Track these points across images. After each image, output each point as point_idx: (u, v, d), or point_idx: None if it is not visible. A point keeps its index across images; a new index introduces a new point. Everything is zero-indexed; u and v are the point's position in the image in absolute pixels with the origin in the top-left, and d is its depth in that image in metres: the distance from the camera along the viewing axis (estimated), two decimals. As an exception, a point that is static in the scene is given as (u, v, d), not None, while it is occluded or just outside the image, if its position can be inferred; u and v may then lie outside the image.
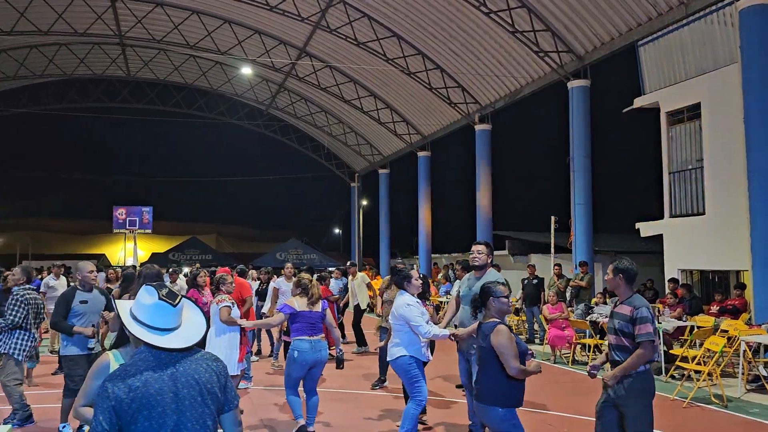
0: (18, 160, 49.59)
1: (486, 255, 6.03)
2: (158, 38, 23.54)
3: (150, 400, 2.33)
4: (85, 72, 27.84)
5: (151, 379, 2.36)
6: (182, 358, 2.48)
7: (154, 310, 2.49)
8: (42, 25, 21.85)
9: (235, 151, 50.34)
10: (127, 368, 2.40)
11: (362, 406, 7.77)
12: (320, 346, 6.36)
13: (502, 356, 4.28)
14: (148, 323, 2.48)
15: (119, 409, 2.31)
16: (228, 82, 28.48)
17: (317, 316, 6.46)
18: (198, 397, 2.42)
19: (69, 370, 6.28)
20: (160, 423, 2.33)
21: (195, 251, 32.62)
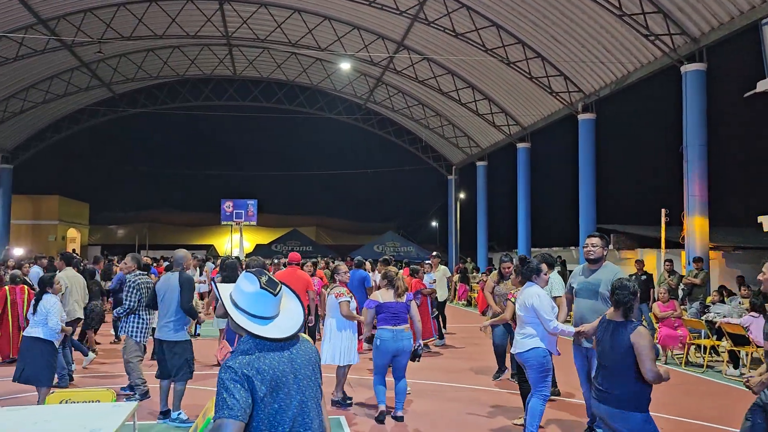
0: (136, 156, 53.29)
1: (601, 248, 5.83)
2: (262, 37, 24.41)
3: (278, 381, 2.41)
4: (195, 72, 29.38)
5: (274, 361, 2.44)
6: (293, 341, 2.55)
7: (255, 298, 2.49)
8: (158, 30, 23.26)
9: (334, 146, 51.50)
10: (249, 352, 2.45)
11: (450, 399, 7.71)
12: (402, 335, 6.55)
13: (642, 359, 4.08)
14: (248, 311, 2.49)
15: (253, 387, 2.36)
16: (327, 77, 29.08)
17: (401, 307, 6.68)
18: (312, 377, 2.55)
19: (191, 354, 6.52)
20: (287, 403, 2.42)
21: (296, 243, 33.64)
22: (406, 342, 6.55)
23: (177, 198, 53.80)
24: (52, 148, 32.50)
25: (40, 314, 6.62)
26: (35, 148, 31.34)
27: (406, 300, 6.74)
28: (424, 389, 8.15)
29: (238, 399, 2.33)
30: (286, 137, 54.66)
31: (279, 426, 2.40)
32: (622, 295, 4.31)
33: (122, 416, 4.17)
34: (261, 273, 2.55)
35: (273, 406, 2.40)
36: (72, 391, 4.99)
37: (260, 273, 2.55)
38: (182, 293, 6.44)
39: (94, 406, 4.57)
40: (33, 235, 33.53)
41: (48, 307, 6.62)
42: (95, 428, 3.87)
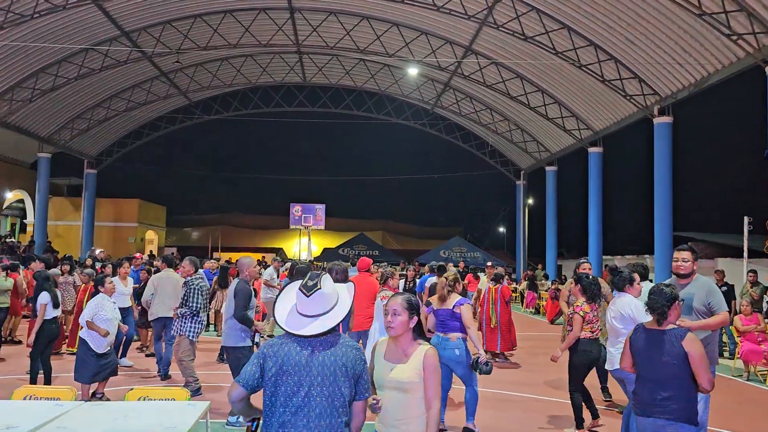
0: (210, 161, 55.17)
1: (692, 262, 5.49)
2: (331, 45, 24.81)
3: (288, 368, 2.80)
4: (267, 80, 30.17)
5: (293, 351, 2.83)
6: (324, 342, 2.87)
7: (297, 298, 2.93)
8: (232, 40, 24.05)
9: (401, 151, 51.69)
10: (281, 338, 2.92)
11: (518, 409, 7.56)
12: (446, 344, 6.28)
13: (701, 368, 3.90)
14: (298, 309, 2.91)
15: (264, 367, 2.85)
16: (395, 83, 29.23)
17: (447, 314, 6.41)
18: (329, 379, 2.79)
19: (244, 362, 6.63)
20: (294, 390, 2.77)
21: (363, 247, 33.91)
22: (449, 351, 6.24)
23: (248, 202, 55.34)
24: (132, 154, 34.16)
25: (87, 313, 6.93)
26: (117, 154, 32.98)
27: (452, 306, 6.42)
28: (491, 399, 8.04)
29: (248, 369, 2.88)
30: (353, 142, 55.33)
31: (279, 407, 2.78)
32: (655, 301, 4.14)
33: (196, 415, 4.32)
34: (313, 276, 2.94)
35: (281, 387, 2.78)
36: (149, 389, 5.22)
37: (312, 276, 2.94)
38: (236, 301, 6.48)
39: (169, 404, 4.76)
40: (114, 236, 35.24)
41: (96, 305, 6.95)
42: (171, 425, 4.03)
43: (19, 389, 4.96)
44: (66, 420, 4.10)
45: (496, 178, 35.83)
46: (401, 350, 3.34)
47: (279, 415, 2.77)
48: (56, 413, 4.20)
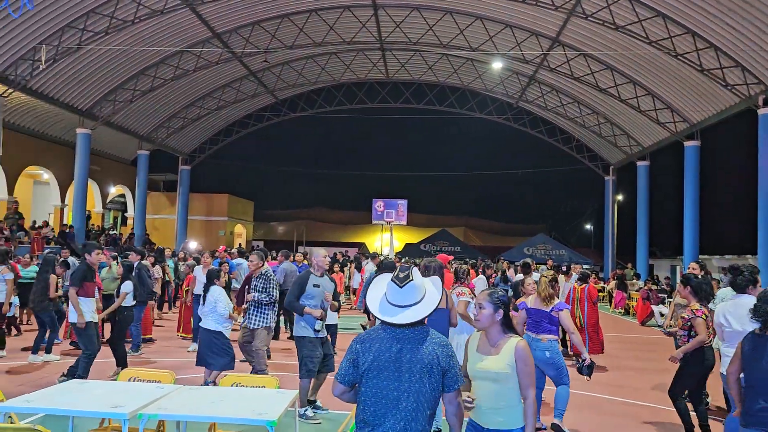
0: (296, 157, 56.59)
1: None
2: (414, 40, 24.82)
3: (379, 364, 2.91)
4: (350, 77, 30.61)
5: (382, 347, 2.94)
6: (413, 337, 2.96)
7: (389, 288, 3.04)
8: (317, 38, 24.55)
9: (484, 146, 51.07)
10: (370, 333, 3.04)
11: (608, 413, 7.30)
12: (537, 345, 6.19)
13: None
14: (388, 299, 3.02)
15: (358, 362, 2.98)
16: (478, 77, 28.88)
17: (542, 315, 6.32)
18: (417, 374, 2.89)
19: (308, 351, 6.50)
20: (386, 384, 2.89)
21: (445, 243, 33.79)
22: (539, 353, 6.15)
23: (332, 197, 56.39)
24: (223, 151, 35.56)
25: (209, 304, 7.20)
26: (209, 151, 34.46)
27: (551, 309, 6.30)
28: (579, 401, 7.81)
29: (343, 365, 3.03)
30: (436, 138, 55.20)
31: (372, 397, 2.90)
32: (759, 307, 4.07)
33: (285, 402, 4.45)
34: (403, 269, 3.07)
35: (373, 381, 2.91)
36: (241, 376, 5.42)
37: (403, 269, 3.07)
38: (290, 289, 6.65)
39: (260, 391, 4.92)
40: (206, 229, 36.86)
41: (216, 297, 7.21)
42: (262, 411, 4.17)
43: (124, 371, 5.29)
44: (166, 402, 4.33)
45: (583, 173, 34.76)
46: (491, 342, 3.48)
47: (371, 406, 2.91)
48: (157, 395, 4.44)
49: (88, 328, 7.46)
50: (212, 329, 7.20)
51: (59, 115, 24.64)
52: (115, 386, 4.91)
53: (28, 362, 9.08)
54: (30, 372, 8.57)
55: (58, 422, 4.68)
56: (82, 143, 23.99)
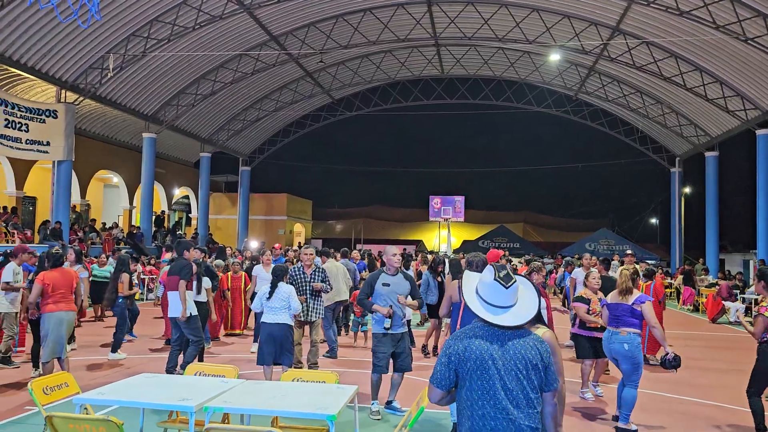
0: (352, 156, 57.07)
1: None
2: (469, 35, 24.59)
3: (482, 363, 2.81)
4: (405, 74, 30.61)
5: (483, 345, 2.85)
6: (513, 336, 2.89)
7: (490, 289, 2.93)
8: (371, 37, 24.66)
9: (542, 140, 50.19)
10: (467, 331, 2.93)
11: (678, 412, 7.03)
12: (616, 338, 6.14)
13: None
14: (485, 299, 2.93)
15: (457, 363, 2.86)
16: (536, 70, 28.36)
17: (624, 310, 6.21)
18: (521, 372, 2.82)
19: (374, 346, 6.61)
20: (490, 384, 2.80)
21: (503, 239, 33.38)
22: (617, 345, 6.14)
23: (389, 194, 56.61)
24: (281, 151, 36.24)
25: (279, 301, 7.28)
26: (268, 152, 35.16)
27: (633, 302, 6.23)
28: (649, 400, 7.57)
29: (439, 369, 2.90)
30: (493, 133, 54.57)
31: (479, 400, 2.81)
32: None
33: (345, 398, 4.50)
34: (501, 268, 2.99)
35: (477, 382, 2.81)
36: (302, 371, 5.51)
37: (500, 268, 2.99)
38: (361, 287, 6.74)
39: (320, 386, 4.99)
40: (266, 229, 37.65)
41: (290, 293, 7.34)
42: (322, 406, 4.22)
43: (190, 366, 5.46)
44: (229, 395, 4.45)
45: (647, 165, 33.67)
46: None
47: (479, 408, 2.81)
48: (221, 389, 4.57)
49: (192, 320, 7.87)
50: (288, 323, 7.29)
51: (126, 121, 25.66)
52: (182, 380, 5.08)
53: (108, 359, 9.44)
54: (105, 367, 8.96)
55: (129, 414, 4.88)
56: (148, 147, 24.93)
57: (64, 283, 7.51)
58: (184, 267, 7.92)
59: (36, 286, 7.34)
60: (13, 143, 18.27)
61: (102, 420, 3.90)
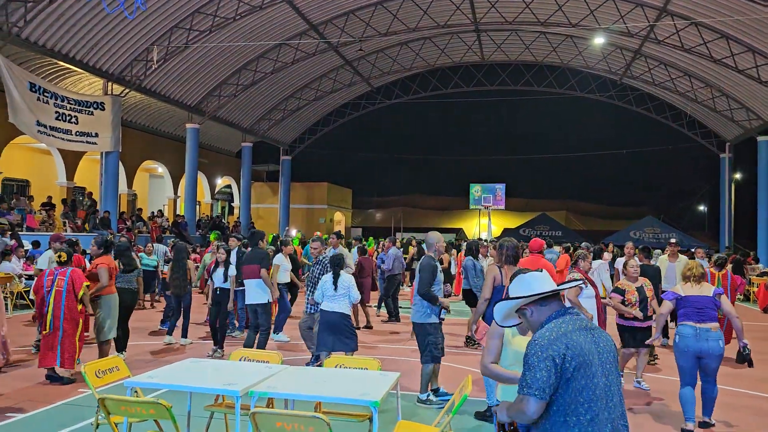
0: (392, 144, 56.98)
1: None
2: (510, 20, 24.19)
3: (585, 359, 2.53)
4: (445, 61, 30.33)
5: (581, 339, 2.57)
6: (593, 326, 2.69)
7: (532, 278, 2.84)
8: (410, 24, 24.49)
9: (585, 126, 49.13)
10: (557, 329, 2.61)
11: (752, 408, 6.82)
12: (708, 335, 5.67)
13: None
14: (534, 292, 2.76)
15: (562, 367, 2.51)
16: (578, 54, 27.74)
17: (706, 302, 5.79)
18: (614, 362, 2.63)
19: (433, 338, 6.48)
20: (594, 383, 2.52)
21: (544, 227, 32.95)
22: (712, 343, 5.66)
23: (429, 183, 56.37)
24: (321, 140, 36.40)
25: (342, 289, 7.30)
26: (308, 141, 35.40)
27: (713, 293, 5.83)
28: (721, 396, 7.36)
29: (539, 377, 2.50)
30: (534, 119, 53.70)
31: (585, 403, 2.50)
32: None
33: (388, 384, 4.51)
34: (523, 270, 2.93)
35: (580, 382, 2.50)
36: (345, 358, 5.55)
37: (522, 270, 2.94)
38: (420, 277, 6.47)
39: (363, 373, 5.02)
40: (307, 217, 38.00)
41: (350, 282, 7.37)
42: (365, 392, 4.24)
43: (234, 352, 5.56)
44: (274, 381, 4.51)
45: (694, 151, 32.69)
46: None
47: (585, 411, 2.51)
48: (266, 374, 4.64)
49: (268, 306, 8.31)
50: (346, 312, 7.33)
51: (170, 112, 26.16)
52: (228, 365, 5.17)
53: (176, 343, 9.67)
54: (152, 352, 9.20)
55: (177, 397, 4.99)
56: (191, 137, 25.37)
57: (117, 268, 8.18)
58: (264, 257, 8.39)
59: (104, 270, 7.68)
60: (64, 135, 18.83)
61: (152, 403, 4.01)
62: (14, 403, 6.29)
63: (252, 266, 8.23)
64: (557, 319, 2.66)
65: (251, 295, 8.25)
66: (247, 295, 8.28)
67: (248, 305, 8.35)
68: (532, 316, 2.77)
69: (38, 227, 18.27)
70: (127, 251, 8.91)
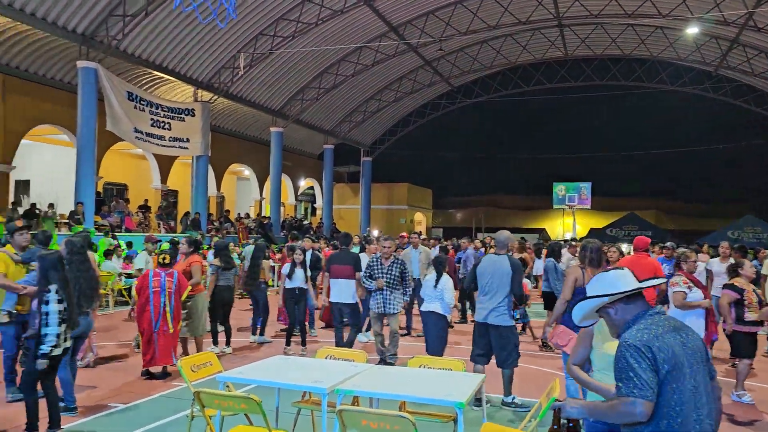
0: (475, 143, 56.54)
1: None
2: (595, 13, 23.40)
3: (677, 361, 2.46)
4: (526, 58, 29.72)
5: (672, 341, 2.50)
6: (681, 325, 2.60)
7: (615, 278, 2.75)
8: (491, 21, 24.18)
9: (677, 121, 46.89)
10: (649, 331, 2.53)
11: None
12: None
13: None
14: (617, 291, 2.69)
15: (659, 365, 2.45)
16: (669, 46, 26.45)
17: None
18: (702, 364, 2.54)
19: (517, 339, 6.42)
20: (685, 385, 2.46)
21: (633, 227, 31.62)
22: None
23: (510, 182, 55.47)
24: (401, 141, 36.56)
25: (438, 291, 7.34)
26: (388, 142, 35.63)
27: None
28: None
29: (645, 378, 2.43)
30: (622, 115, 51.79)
31: (676, 406, 2.44)
32: None
33: (473, 386, 4.45)
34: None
35: (672, 385, 2.44)
36: (428, 358, 5.53)
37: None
38: (515, 276, 6.32)
39: (447, 373, 4.98)
40: (387, 218, 38.26)
41: (449, 285, 7.37)
42: (449, 393, 4.21)
43: (321, 350, 5.66)
44: (359, 379, 4.55)
45: (800, 145, 30.40)
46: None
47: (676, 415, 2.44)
48: (351, 373, 4.69)
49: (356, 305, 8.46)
50: (441, 313, 7.37)
51: (255, 116, 27.04)
52: (314, 363, 5.27)
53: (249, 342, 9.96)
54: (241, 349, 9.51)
55: (265, 392, 5.13)
56: (275, 141, 26.14)
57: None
58: (358, 259, 8.63)
59: (198, 268, 8.21)
60: (158, 141, 19.87)
61: (243, 397, 4.14)
62: (116, 395, 6.68)
63: (345, 267, 8.36)
64: (646, 320, 2.59)
65: (341, 294, 8.35)
66: (337, 294, 8.41)
67: (334, 303, 8.47)
68: (616, 314, 2.70)
69: (135, 228, 19.36)
70: (226, 250, 9.25)
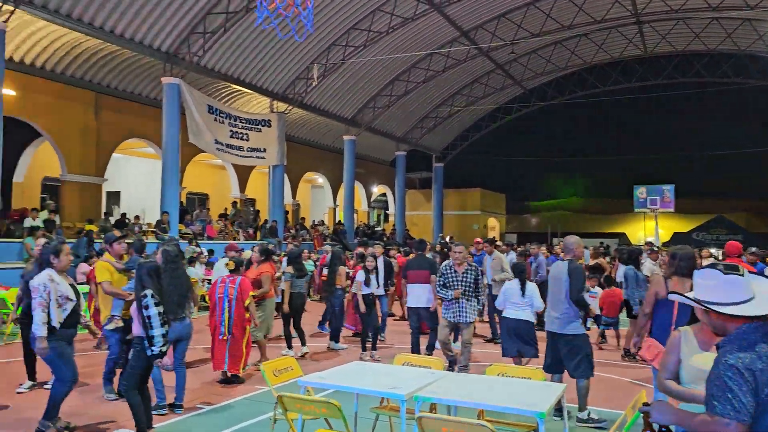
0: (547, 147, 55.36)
1: None
2: (676, 8, 22.47)
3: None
4: (603, 57, 28.88)
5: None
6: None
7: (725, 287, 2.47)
8: (565, 21, 23.65)
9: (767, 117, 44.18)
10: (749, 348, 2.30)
11: None
12: None
13: None
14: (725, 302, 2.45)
15: (755, 385, 2.23)
16: (759, 39, 25.02)
17: None
18: None
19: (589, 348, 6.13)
20: None
21: (721, 231, 30.15)
22: None
23: (587, 186, 53.87)
24: (473, 146, 36.26)
25: (527, 298, 7.35)
26: (460, 147, 35.42)
27: None
28: None
29: (744, 401, 2.21)
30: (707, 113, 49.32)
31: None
32: None
33: (554, 396, 4.35)
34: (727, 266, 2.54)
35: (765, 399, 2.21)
36: (507, 366, 5.44)
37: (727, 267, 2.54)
38: (571, 282, 6.05)
39: (527, 382, 4.88)
40: (460, 224, 37.97)
41: (533, 292, 7.37)
42: (530, 403, 4.12)
43: (398, 356, 5.68)
44: (436, 386, 4.54)
45: None
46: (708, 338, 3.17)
47: None
48: (429, 380, 4.68)
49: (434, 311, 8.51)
50: (530, 320, 7.39)
51: (328, 125, 27.54)
52: (392, 369, 5.30)
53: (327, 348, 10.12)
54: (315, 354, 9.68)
55: (344, 397, 5.20)
56: (348, 149, 26.52)
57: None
58: (434, 264, 8.83)
59: (267, 278, 8.60)
60: (237, 151, 20.57)
61: (324, 402, 4.22)
62: (203, 396, 6.95)
63: (421, 272, 8.46)
64: (752, 336, 2.33)
65: (419, 299, 8.41)
66: (414, 299, 8.46)
67: (411, 308, 8.52)
68: (718, 319, 2.49)
69: (216, 236, 20.09)
70: (299, 258, 9.53)
